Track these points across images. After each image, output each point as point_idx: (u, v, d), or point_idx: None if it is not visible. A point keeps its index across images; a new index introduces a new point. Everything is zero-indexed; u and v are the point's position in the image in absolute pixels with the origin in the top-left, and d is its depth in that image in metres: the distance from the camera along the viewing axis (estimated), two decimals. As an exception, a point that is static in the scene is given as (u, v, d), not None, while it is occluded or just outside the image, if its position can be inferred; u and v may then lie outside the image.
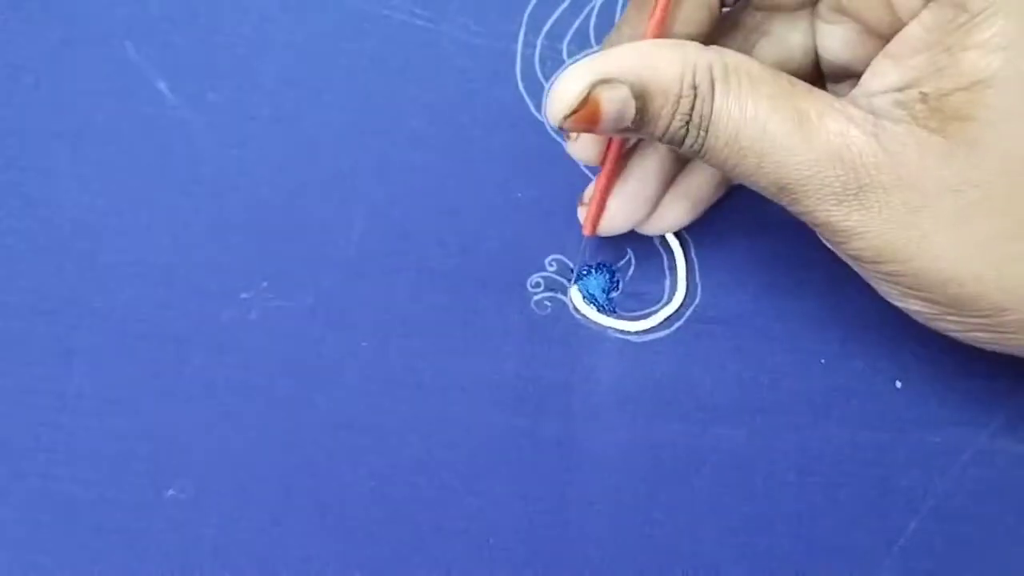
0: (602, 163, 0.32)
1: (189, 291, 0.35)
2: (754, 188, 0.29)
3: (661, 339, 0.35)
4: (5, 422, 0.34)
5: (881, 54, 0.28)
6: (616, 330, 0.35)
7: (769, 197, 0.29)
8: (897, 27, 0.28)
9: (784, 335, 0.35)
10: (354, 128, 0.37)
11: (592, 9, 0.38)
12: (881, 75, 0.28)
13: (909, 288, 0.28)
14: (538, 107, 0.37)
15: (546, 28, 0.38)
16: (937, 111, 0.26)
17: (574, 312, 0.35)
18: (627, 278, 0.35)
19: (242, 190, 0.36)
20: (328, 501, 0.33)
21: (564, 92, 0.28)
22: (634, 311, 0.35)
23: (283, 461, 0.33)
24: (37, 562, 0.32)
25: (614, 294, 0.35)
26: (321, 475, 0.33)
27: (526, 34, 0.38)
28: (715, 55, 0.28)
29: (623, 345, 0.35)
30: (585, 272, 0.35)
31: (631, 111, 0.27)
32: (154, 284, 0.35)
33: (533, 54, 0.38)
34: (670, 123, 0.28)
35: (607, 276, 0.35)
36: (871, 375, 0.34)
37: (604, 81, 0.27)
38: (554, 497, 0.33)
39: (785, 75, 0.28)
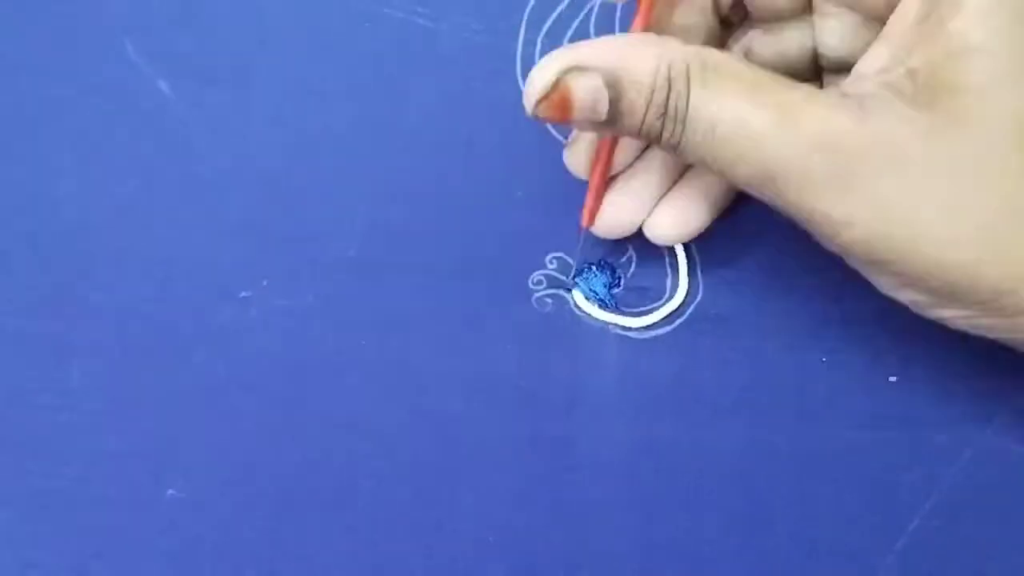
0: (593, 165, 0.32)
1: (189, 290, 0.35)
2: (736, 184, 0.28)
3: (662, 336, 0.35)
4: (5, 421, 0.34)
5: (876, 39, 0.28)
6: (618, 326, 0.35)
7: (752, 193, 0.28)
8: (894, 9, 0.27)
9: (785, 333, 0.35)
10: (354, 126, 0.37)
11: (592, 7, 0.38)
12: (872, 58, 0.27)
13: (904, 277, 0.27)
14: (538, 105, 0.37)
15: (546, 27, 0.38)
16: (926, 87, 0.26)
17: (575, 309, 0.35)
18: (629, 275, 0.35)
19: (242, 188, 0.36)
20: (328, 500, 0.33)
21: (536, 78, 0.28)
22: (636, 307, 0.35)
23: (283, 460, 0.33)
24: (37, 562, 0.32)
25: (616, 291, 0.35)
26: (321, 474, 0.33)
27: (526, 32, 0.38)
28: (693, 51, 0.27)
29: (624, 342, 0.35)
30: (586, 269, 0.35)
31: (604, 101, 0.27)
32: (154, 283, 0.35)
33: (533, 52, 0.38)
34: (644, 116, 0.28)
35: (609, 273, 0.35)
36: (872, 373, 0.34)
37: (576, 68, 0.27)
38: (554, 496, 0.33)
39: (767, 71, 0.28)
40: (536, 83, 0.28)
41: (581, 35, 0.38)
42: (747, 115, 0.27)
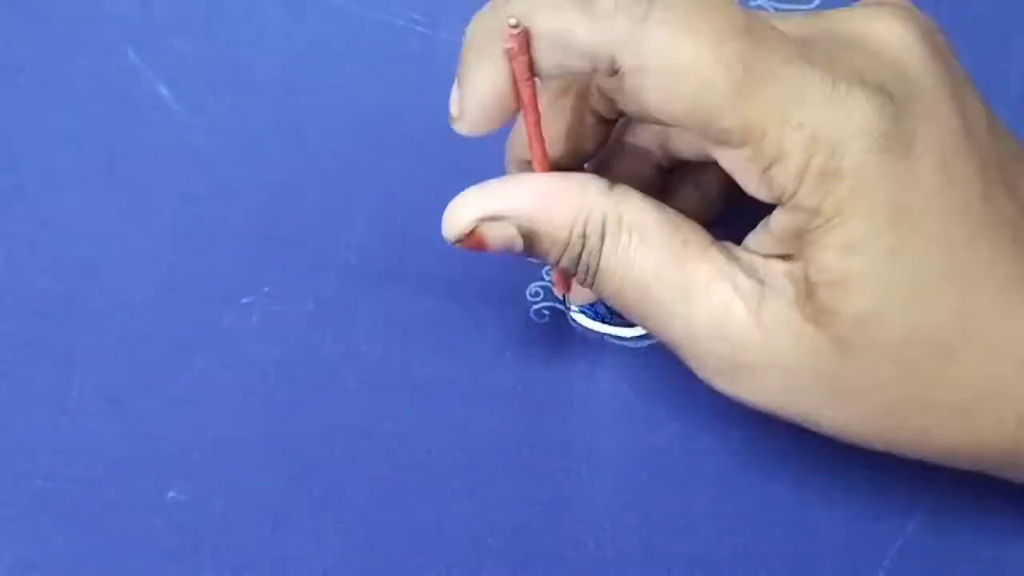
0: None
1: (191, 295, 0.35)
2: None
3: (658, 344, 0.34)
4: (6, 423, 0.34)
5: (761, 225, 0.27)
6: (613, 336, 0.35)
7: None
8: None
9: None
10: (354, 134, 0.37)
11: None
12: (768, 240, 0.27)
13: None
14: (536, 114, 0.37)
15: (543, 35, 0.38)
16: (812, 298, 0.26)
17: (572, 322, 0.35)
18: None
19: (243, 195, 0.36)
20: (328, 505, 0.33)
21: (451, 222, 0.28)
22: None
23: (283, 465, 0.33)
24: (37, 562, 0.32)
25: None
26: (321, 479, 0.33)
27: (524, 42, 0.38)
28: (612, 204, 0.27)
29: (621, 351, 0.35)
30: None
31: (518, 246, 0.28)
32: (155, 288, 0.35)
33: (531, 61, 0.38)
34: (559, 261, 0.28)
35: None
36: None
37: (491, 219, 0.27)
38: (553, 501, 0.33)
39: (681, 234, 0.27)
40: (451, 229, 0.28)
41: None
42: (651, 287, 0.27)
